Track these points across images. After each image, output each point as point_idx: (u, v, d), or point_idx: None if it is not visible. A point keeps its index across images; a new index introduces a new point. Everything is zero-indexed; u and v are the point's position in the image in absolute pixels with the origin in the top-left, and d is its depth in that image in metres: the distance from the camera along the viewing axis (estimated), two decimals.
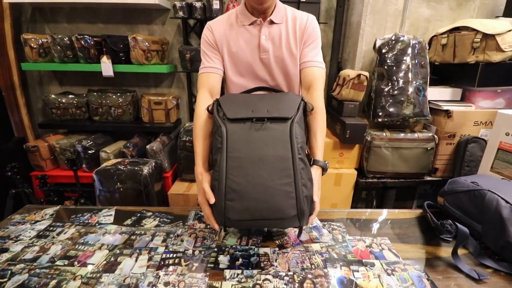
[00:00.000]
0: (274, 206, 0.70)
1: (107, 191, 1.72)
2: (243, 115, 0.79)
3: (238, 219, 0.72)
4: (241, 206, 0.71)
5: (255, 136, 0.75)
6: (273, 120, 0.77)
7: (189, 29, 2.21)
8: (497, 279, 0.73)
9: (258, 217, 0.72)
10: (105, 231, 0.90)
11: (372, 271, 0.74)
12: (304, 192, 0.72)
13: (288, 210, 0.70)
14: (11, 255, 0.79)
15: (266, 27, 0.96)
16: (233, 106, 0.83)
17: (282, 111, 0.79)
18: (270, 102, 0.83)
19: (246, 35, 0.97)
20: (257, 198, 0.70)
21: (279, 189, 0.70)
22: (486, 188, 0.86)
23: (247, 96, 0.89)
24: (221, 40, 0.98)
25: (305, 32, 0.97)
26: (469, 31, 1.59)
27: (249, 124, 0.77)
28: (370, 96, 1.81)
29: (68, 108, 2.19)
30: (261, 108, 0.80)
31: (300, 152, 0.75)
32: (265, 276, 0.71)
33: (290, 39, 0.97)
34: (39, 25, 2.23)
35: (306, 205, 0.73)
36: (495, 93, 1.69)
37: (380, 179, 1.79)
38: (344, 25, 2.13)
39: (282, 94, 0.91)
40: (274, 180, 0.71)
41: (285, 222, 0.73)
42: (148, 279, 0.70)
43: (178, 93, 2.39)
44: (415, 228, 0.95)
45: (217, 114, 0.82)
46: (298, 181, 0.71)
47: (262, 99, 0.85)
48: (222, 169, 0.73)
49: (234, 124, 0.78)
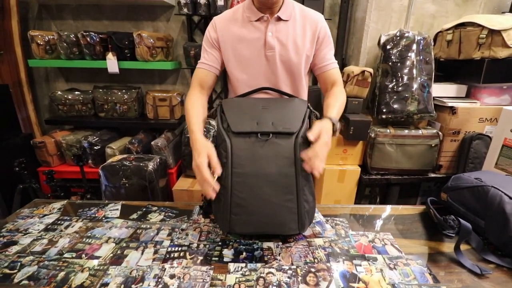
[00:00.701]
0: (276, 221, 0.76)
1: (112, 186, 1.75)
2: (248, 128, 0.78)
3: (242, 232, 0.80)
4: (245, 220, 0.76)
5: (260, 152, 0.76)
6: (278, 134, 0.77)
7: (193, 25, 2.22)
8: (499, 274, 0.73)
9: (260, 230, 0.79)
10: (111, 225, 0.92)
11: (375, 265, 0.74)
12: (305, 207, 0.77)
13: (289, 224, 0.77)
14: (21, 247, 0.81)
15: (273, 24, 0.95)
16: (237, 115, 0.82)
17: (287, 124, 0.79)
18: (275, 113, 0.82)
19: (252, 31, 0.96)
20: (261, 213, 0.75)
21: (282, 205, 0.75)
22: (490, 184, 0.86)
23: (252, 104, 0.87)
24: (224, 36, 0.98)
25: (319, 34, 0.98)
26: (475, 27, 1.57)
27: (253, 139, 0.77)
28: (374, 92, 1.81)
29: (74, 104, 2.21)
30: (266, 120, 0.80)
31: (305, 173, 0.77)
32: (269, 270, 0.72)
33: (298, 38, 0.96)
34: (46, 22, 2.25)
35: (307, 219, 0.80)
36: (501, 89, 1.68)
37: (384, 175, 1.79)
38: (349, 21, 2.12)
39: (287, 102, 0.89)
40: (277, 196, 0.75)
41: (286, 232, 0.80)
42: (154, 272, 0.71)
43: (183, 90, 2.40)
44: (418, 224, 0.95)
45: (221, 124, 0.82)
46: (300, 197, 0.76)
47: (267, 107, 0.84)
48: (227, 184, 0.76)
49: (238, 138, 0.78)
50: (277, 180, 0.75)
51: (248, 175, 0.75)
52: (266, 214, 0.75)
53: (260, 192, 0.74)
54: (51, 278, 0.69)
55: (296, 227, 0.77)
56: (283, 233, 0.81)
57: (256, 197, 0.74)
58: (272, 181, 0.74)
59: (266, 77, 0.99)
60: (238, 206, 0.75)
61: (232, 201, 0.75)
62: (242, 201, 0.75)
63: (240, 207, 0.75)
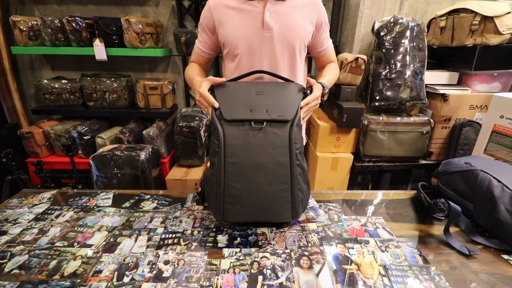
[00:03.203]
0: (270, 210, 0.76)
1: (104, 176, 1.72)
2: (241, 115, 0.76)
3: (236, 221, 0.79)
4: (239, 210, 0.75)
5: (254, 141, 0.74)
6: (272, 122, 0.75)
7: (183, 11, 2.15)
8: (486, 254, 0.76)
9: (254, 219, 0.79)
10: (103, 214, 0.90)
11: (367, 248, 0.76)
12: (299, 196, 0.77)
13: (283, 213, 0.77)
14: (10, 237, 0.79)
15: (271, 3, 0.93)
16: (230, 102, 0.79)
17: (282, 112, 0.76)
18: (270, 99, 0.79)
19: (249, 11, 0.94)
20: (255, 203, 0.75)
21: (276, 194, 0.74)
22: (479, 168, 0.87)
23: (245, 89, 0.83)
24: (219, 19, 0.96)
25: (319, 21, 1.00)
26: (468, 13, 1.57)
27: (247, 127, 0.75)
28: (368, 80, 1.80)
29: (62, 93, 2.15)
30: (260, 107, 0.77)
31: (299, 157, 0.76)
32: (263, 254, 0.72)
33: (297, 16, 0.95)
34: (28, 6, 2.15)
35: (301, 207, 0.80)
36: (492, 76, 1.69)
37: (376, 163, 1.81)
38: (343, 7, 2.09)
39: (282, 87, 0.85)
40: (271, 186, 0.74)
41: (279, 220, 0.81)
42: (148, 258, 0.71)
43: (174, 78, 2.36)
44: (409, 208, 0.97)
45: (214, 111, 0.80)
46: (294, 186, 0.75)
47: (261, 92, 0.81)
48: (220, 174, 0.74)
49: (231, 127, 0.75)
50: (271, 169, 0.74)
51: (242, 165, 0.74)
52: (260, 204, 0.75)
53: (254, 182, 0.73)
54: (42, 267, 0.68)
55: (290, 216, 0.78)
56: (276, 221, 0.82)
57: (249, 187, 0.74)
58: (266, 171, 0.73)
59: (261, 58, 0.98)
60: (231, 195, 0.74)
61: (226, 190, 0.74)
62: (235, 191, 0.74)
63: (234, 196, 0.74)
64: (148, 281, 0.64)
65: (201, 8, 2.14)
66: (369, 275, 0.67)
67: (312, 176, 1.91)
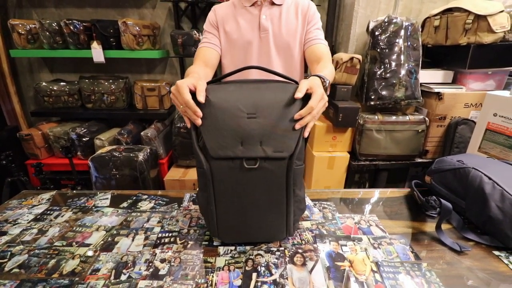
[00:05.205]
0: (266, 235, 0.76)
1: (103, 177, 1.74)
2: (230, 152, 0.63)
3: (230, 242, 0.77)
4: (234, 236, 0.76)
5: (247, 177, 0.66)
6: (268, 159, 0.65)
7: (180, 12, 2.17)
8: (478, 251, 0.77)
9: (250, 241, 0.78)
10: (102, 214, 0.92)
11: (360, 245, 0.77)
12: (295, 216, 0.76)
13: (278, 235, 0.77)
14: (10, 237, 0.80)
15: (267, 7, 1.00)
16: (215, 132, 0.63)
17: (279, 145, 0.63)
18: (265, 123, 0.63)
19: (247, 15, 1.01)
20: (250, 232, 0.74)
21: (271, 224, 0.74)
22: (471, 165, 0.89)
23: (234, 111, 0.63)
24: (222, 20, 1.03)
25: (307, 15, 1.02)
26: (461, 12, 1.59)
27: (238, 164, 0.65)
28: (363, 79, 1.82)
29: (60, 95, 2.17)
30: (253, 137, 0.63)
31: (296, 192, 0.72)
32: (257, 252, 0.74)
33: (291, 18, 1.00)
34: (26, 10, 2.17)
35: (297, 223, 0.79)
36: (486, 75, 1.71)
37: (372, 161, 1.82)
38: (338, 7, 2.11)
39: (279, 102, 0.64)
40: (265, 217, 0.72)
41: (274, 240, 0.79)
42: (145, 257, 0.73)
43: (172, 79, 2.37)
44: (402, 206, 0.98)
45: (196, 142, 0.67)
46: (290, 216, 0.74)
47: (253, 115, 0.63)
48: (211, 202, 0.71)
49: (219, 161, 0.65)
50: (267, 206, 0.70)
51: (233, 201, 0.69)
52: (255, 233, 0.74)
53: (248, 218, 0.71)
54: (42, 266, 0.70)
55: (284, 235, 0.77)
56: (271, 241, 0.79)
57: (244, 222, 0.72)
58: (261, 208, 0.70)
59: (259, 60, 1.03)
60: (224, 222, 0.73)
61: (218, 218, 0.73)
62: (227, 221, 0.73)
63: (227, 223, 0.73)
64: (145, 279, 0.66)
65: (197, 10, 2.16)
66: (361, 271, 0.68)
67: (308, 176, 1.93)
